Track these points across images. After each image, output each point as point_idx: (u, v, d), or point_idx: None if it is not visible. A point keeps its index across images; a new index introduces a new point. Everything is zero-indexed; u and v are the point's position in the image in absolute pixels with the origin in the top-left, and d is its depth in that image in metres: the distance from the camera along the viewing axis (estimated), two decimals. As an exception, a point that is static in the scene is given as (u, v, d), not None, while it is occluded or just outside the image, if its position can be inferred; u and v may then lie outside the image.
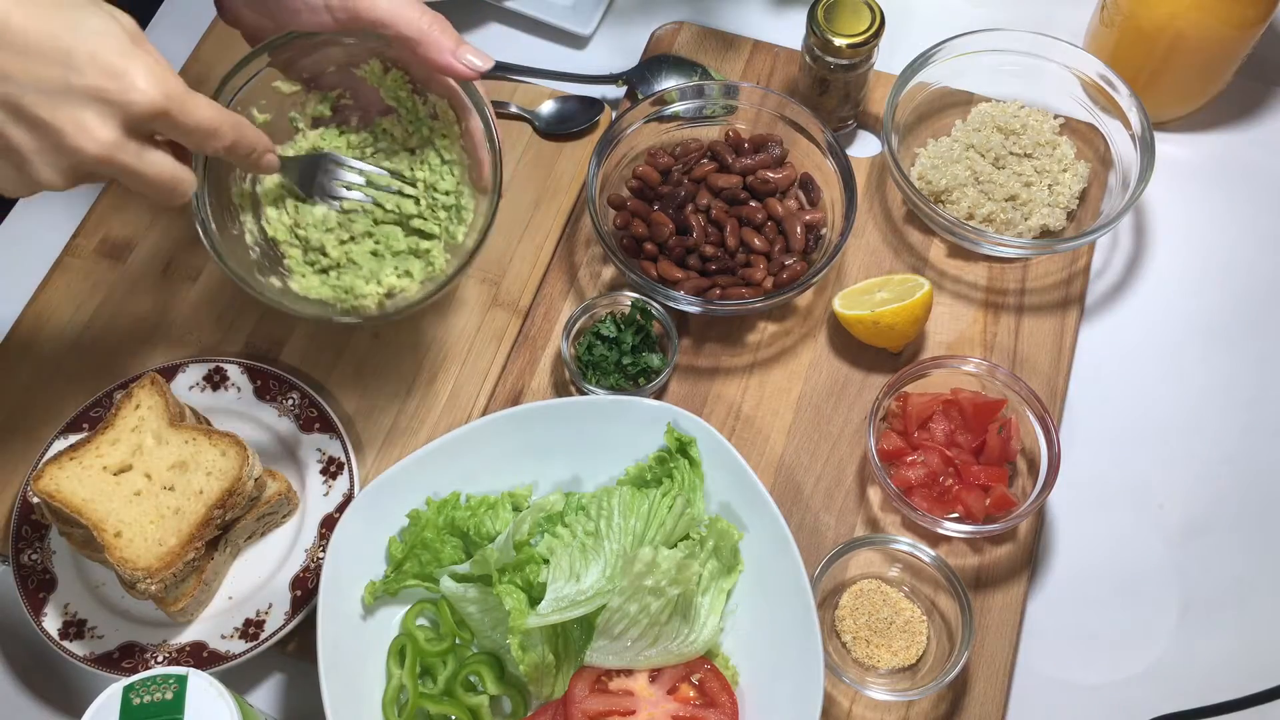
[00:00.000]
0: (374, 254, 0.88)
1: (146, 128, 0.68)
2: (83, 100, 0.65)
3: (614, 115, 1.10)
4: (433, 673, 0.84)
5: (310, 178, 0.86)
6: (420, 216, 0.88)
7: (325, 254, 0.88)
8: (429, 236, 0.88)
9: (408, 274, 0.87)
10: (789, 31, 1.16)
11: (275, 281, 0.86)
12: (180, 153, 0.72)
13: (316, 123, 0.90)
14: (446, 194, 0.89)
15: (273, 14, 0.84)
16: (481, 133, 0.86)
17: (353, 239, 0.88)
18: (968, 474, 0.91)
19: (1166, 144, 1.09)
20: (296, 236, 0.88)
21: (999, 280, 1.02)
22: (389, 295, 0.86)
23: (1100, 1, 1.09)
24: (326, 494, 0.92)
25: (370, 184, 0.87)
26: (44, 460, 0.91)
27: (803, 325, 1.01)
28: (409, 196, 0.88)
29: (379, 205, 0.88)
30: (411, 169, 0.89)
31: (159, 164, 0.70)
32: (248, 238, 0.87)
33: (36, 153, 0.66)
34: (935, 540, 0.91)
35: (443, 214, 0.89)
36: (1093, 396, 0.99)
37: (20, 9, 0.64)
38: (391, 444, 0.96)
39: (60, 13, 0.65)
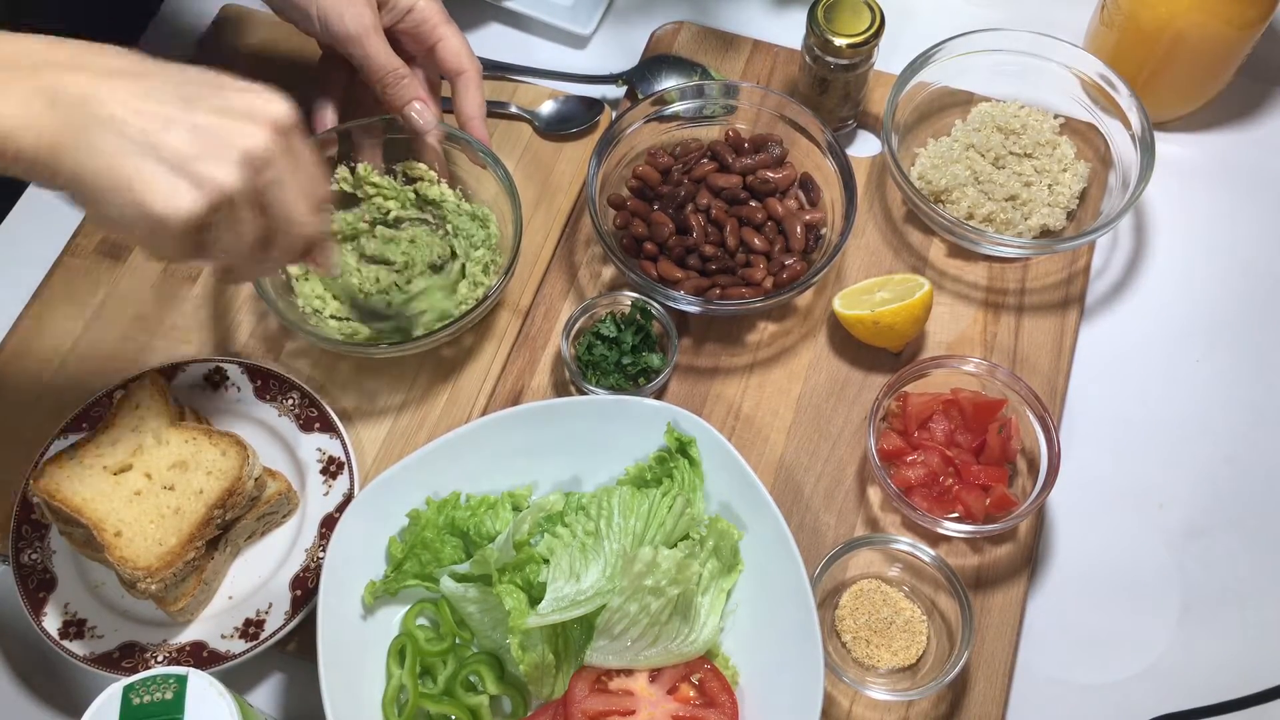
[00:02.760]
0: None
1: (284, 142, 0.70)
2: (233, 106, 0.68)
3: (614, 115, 1.10)
4: (433, 673, 0.84)
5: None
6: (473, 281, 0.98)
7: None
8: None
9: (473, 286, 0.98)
10: (789, 31, 1.16)
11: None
12: None
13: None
14: (482, 252, 0.99)
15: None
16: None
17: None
18: (968, 474, 0.91)
19: (1166, 144, 1.09)
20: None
21: (999, 280, 1.02)
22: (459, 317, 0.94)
23: (1100, 1, 1.09)
24: (326, 494, 0.92)
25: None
26: (44, 460, 0.91)
27: (803, 325, 1.01)
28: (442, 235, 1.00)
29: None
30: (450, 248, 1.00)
31: (314, 167, 0.73)
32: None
33: (203, 152, 0.66)
34: (935, 540, 0.91)
35: (488, 262, 0.98)
36: (1093, 397, 0.99)
37: (151, 64, 0.69)
38: (391, 444, 0.96)
39: (185, 66, 0.71)
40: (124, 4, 1.18)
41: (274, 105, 0.69)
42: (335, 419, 0.94)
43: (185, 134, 0.66)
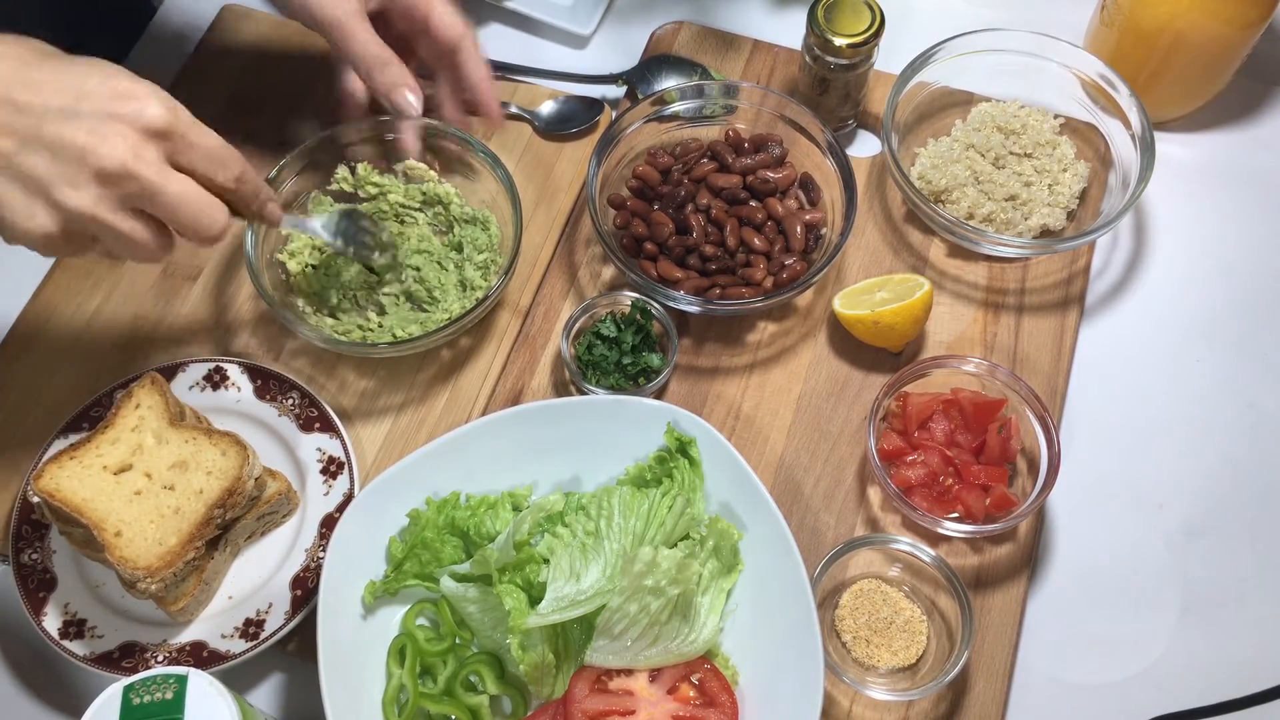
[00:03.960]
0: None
1: (160, 146, 0.70)
2: (98, 119, 0.68)
3: (614, 115, 1.10)
4: (433, 673, 0.84)
5: (348, 232, 0.94)
6: (478, 270, 0.99)
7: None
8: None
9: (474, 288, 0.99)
10: (789, 31, 1.16)
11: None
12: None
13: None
14: (481, 251, 0.99)
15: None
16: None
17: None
18: (968, 474, 0.91)
19: (1166, 144, 1.09)
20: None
21: (999, 280, 1.02)
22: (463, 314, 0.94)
23: (1100, 1, 1.09)
24: (326, 494, 0.92)
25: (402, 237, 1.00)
26: (44, 460, 0.91)
27: (803, 325, 1.01)
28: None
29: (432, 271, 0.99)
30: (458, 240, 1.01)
31: (183, 183, 0.71)
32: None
33: (58, 175, 0.68)
34: (935, 540, 0.91)
35: (485, 259, 0.99)
36: (1093, 396, 0.99)
37: (34, 67, 0.69)
38: (391, 444, 0.96)
39: (71, 65, 0.70)
40: (123, 4, 1.18)
41: (147, 111, 0.69)
42: (335, 419, 0.94)
43: (44, 155, 0.67)
